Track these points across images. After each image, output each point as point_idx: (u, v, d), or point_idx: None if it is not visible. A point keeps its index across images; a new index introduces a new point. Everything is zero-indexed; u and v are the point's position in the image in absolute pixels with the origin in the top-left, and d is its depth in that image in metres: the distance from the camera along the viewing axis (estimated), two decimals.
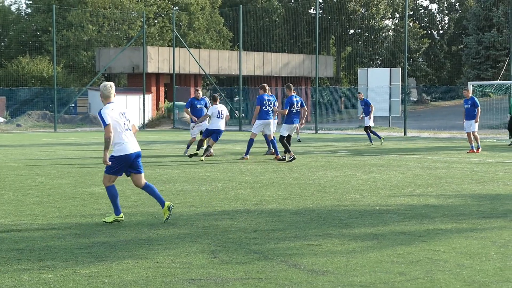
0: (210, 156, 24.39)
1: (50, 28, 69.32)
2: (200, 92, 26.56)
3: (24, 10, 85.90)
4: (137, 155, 11.31)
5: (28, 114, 57.25)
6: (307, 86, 74.16)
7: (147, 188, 11.46)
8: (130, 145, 11.22)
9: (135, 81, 64.55)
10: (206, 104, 25.94)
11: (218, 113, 23.58)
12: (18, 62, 68.15)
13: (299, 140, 34.54)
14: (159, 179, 17.59)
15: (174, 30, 60.84)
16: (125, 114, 11.32)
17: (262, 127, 24.07)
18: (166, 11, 78.93)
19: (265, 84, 24.45)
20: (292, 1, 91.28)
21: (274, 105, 24.11)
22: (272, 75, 73.62)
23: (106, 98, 11.25)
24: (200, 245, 9.48)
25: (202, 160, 22.92)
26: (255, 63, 71.79)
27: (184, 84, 66.51)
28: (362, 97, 33.63)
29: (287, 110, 22.71)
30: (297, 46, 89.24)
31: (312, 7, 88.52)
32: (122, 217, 11.28)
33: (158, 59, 63.60)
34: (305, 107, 23.33)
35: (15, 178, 17.79)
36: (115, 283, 7.61)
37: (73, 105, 62.96)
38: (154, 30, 76.08)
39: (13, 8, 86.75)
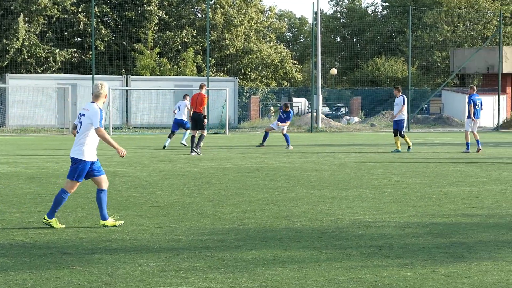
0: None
1: (405, 29, 70.04)
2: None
3: (380, 11, 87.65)
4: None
5: (382, 114, 58.34)
6: None
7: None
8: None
9: (489, 81, 63.40)
10: None
11: None
12: (373, 63, 69.68)
13: None
14: None
15: None
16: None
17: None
18: None
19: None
20: None
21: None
22: None
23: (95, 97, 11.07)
24: None
25: None
26: None
27: None
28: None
29: None
30: None
31: None
32: None
33: None
34: None
35: (371, 177, 18.22)
36: (474, 284, 7.58)
37: (426, 105, 63.24)
38: (511, 30, 74.10)
39: (369, 10, 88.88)
